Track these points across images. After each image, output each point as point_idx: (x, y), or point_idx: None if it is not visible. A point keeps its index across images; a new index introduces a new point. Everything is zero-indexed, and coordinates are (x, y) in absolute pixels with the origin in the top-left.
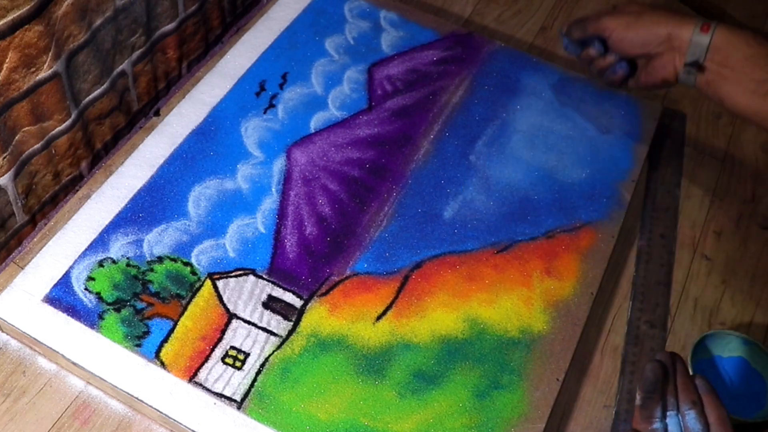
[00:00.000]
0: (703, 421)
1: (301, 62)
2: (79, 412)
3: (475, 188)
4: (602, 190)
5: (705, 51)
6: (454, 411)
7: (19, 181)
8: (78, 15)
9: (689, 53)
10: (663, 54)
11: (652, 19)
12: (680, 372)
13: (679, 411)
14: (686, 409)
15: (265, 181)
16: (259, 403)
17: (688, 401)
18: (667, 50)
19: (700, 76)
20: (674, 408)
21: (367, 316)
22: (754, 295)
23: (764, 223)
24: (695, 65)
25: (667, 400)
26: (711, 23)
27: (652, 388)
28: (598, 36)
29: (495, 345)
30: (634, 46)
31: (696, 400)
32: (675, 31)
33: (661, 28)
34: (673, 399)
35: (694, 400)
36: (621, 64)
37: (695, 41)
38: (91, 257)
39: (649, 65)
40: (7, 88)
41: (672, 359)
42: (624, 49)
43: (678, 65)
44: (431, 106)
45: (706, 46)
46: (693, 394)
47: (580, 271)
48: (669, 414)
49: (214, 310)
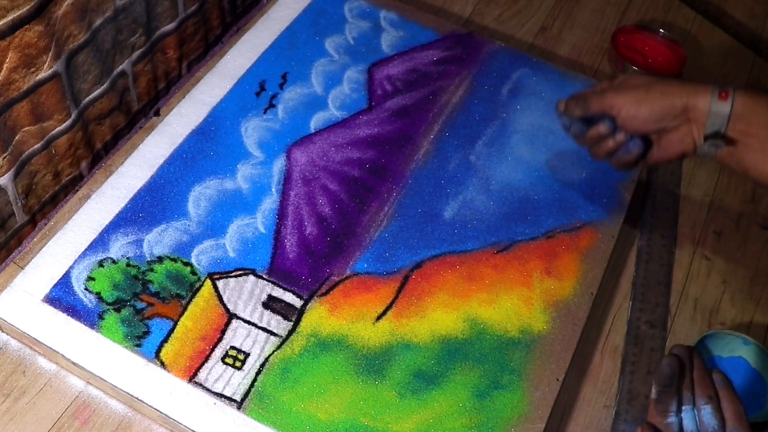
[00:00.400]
0: (719, 416)
1: (301, 62)
2: (79, 412)
3: (475, 188)
4: (602, 190)
5: (726, 120)
6: (454, 411)
7: (19, 181)
8: (78, 15)
9: (709, 124)
10: (679, 127)
11: (664, 91)
12: (697, 366)
13: (695, 405)
14: (702, 404)
15: (265, 181)
16: (259, 403)
17: (705, 396)
18: (683, 123)
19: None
20: (690, 402)
21: (367, 316)
22: (754, 295)
23: (764, 223)
24: (717, 136)
25: (683, 394)
26: (728, 90)
27: (669, 381)
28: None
29: (495, 345)
30: (648, 122)
31: (712, 395)
32: (691, 102)
33: (675, 99)
34: (689, 393)
35: (711, 395)
36: (635, 142)
37: (714, 111)
38: (91, 257)
39: (664, 140)
40: (7, 88)
41: (689, 353)
42: (635, 127)
43: (697, 137)
44: (431, 106)
45: (727, 116)
46: (710, 388)
47: (580, 271)
48: (684, 408)
49: (214, 310)
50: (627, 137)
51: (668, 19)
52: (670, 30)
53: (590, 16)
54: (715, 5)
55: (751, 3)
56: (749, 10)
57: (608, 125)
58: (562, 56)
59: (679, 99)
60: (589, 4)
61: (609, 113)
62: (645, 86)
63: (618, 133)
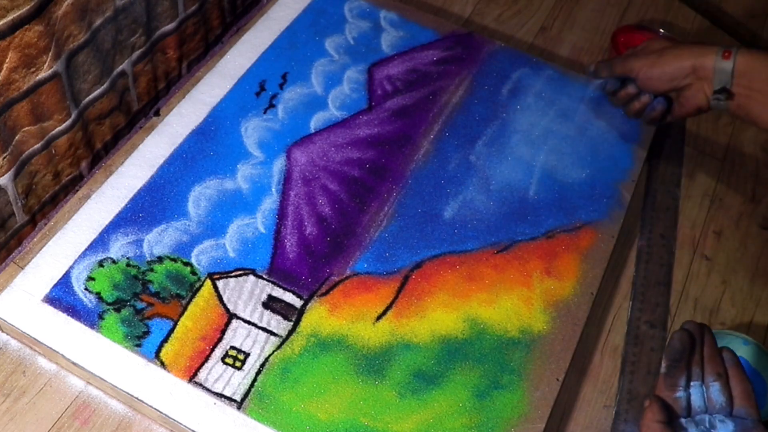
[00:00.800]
0: (727, 393)
1: (301, 62)
2: (79, 412)
3: (475, 188)
4: (602, 190)
5: (731, 76)
6: (454, 411)
7: (19, 181)
8: (78, 15)
9: (716, 81)
10: (692, 85)
11: (675, 54)
12: (708, 343)
13: (704, 382)
14: (711, 381)
15: (265, 181)
16: (259, 403)
17: (714, 373)
18: (695, 81)
19: (730, 101)
20: (699, 378)
21: (367, 316)
22: (754, 295)
23: (764, 223)
24: (724, 92)
25: (692, 370)
26: (732, 49)
27: (679, 356)
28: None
29: (495, 345)
30: (662, 81)
31: (721, 372)
32: (698, 62)
33: (684, 61)
34: (698, 369)
35: (720, 372)
36: (659, 100)
37: (719, 68)
38: (91, 257)
39: (681, 97)
40: (7, 88)
41: (701, 330)
42: (653, 87)
43: (708, 93)
44: (431, 106)
45: (731, 72)
46: (719, 366)
47: (580, 271)
48: (693, 384)
49: (214, 310)
50: (651, 97)
51: (668, 19)
52: (670, 30)
53: (590, 16)
54: (715, 5)
55: (751, 3)
56: (749, 10)
57: (634, 86)
58: (562, 56)
59: (688, 60)
60: (589, 4)
61: (629, 75)
62: (659, 51)
63: (643, 94)
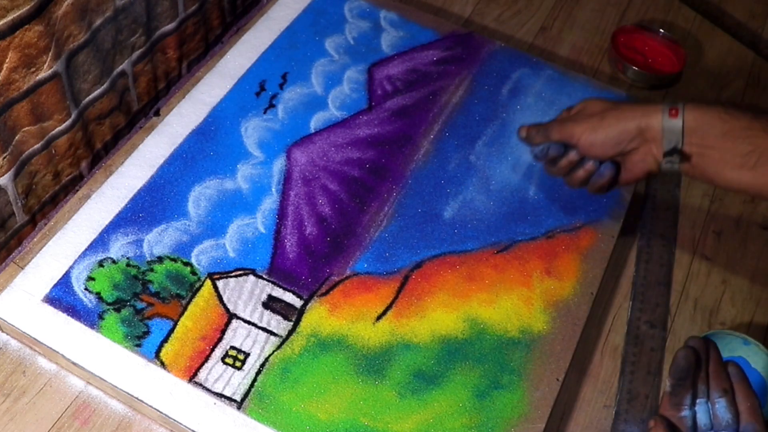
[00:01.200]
0: (733, 410)
1: (301, 62)
2: (79, 412)
3: (475, 188)
4: None
5: (681, 135)
6: (454, 411)
7: (19, 181)
8: (78, 15)
9: (665, 142)
10: (639, 148)
11: (617, 116)
12: (713, 359)
13: (710, 399)
14: (717, 397)
15: (265, 181)
16: (259, 403)
17: (719, 389)
18: (642, 144)
19: (683, 161)
20: (704, 395)
21: (367, 316)
22: (754, 295)
23: (764, 223)
24: (676, 152)
25: (698, 387)
26: (677, 106)
27: (684, 375)
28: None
29: (495, 345)
30: (606, 147)
31: (727, 389)
32: (644, 123)
33: (628, 122)
34: (704, 386)
35: (726, 389)
36: (606, 166)
37: (667, 128)
38: (91, 257)
39: (628, 162)
40: (7, 88)
41: (705, 346)
42: (597, 153)
43: (657, 155)
44: (431, 106)
45: (680, 131)
46: (725, 382)
47: (580, 271)
48: (699, 402)
49: (214, 310)
50: (596, 164)
51: (668, 19)
52: (670, 30)
53: (590, 16)
54: (715, 5)
55: (751, 3)
56: (749, 10)
57: (576, 153)
58: (562, 56)
59: (632, 122)
60: (589, 4)
61: (569, 141)
62: (599, 113)
63: (586, 161)
